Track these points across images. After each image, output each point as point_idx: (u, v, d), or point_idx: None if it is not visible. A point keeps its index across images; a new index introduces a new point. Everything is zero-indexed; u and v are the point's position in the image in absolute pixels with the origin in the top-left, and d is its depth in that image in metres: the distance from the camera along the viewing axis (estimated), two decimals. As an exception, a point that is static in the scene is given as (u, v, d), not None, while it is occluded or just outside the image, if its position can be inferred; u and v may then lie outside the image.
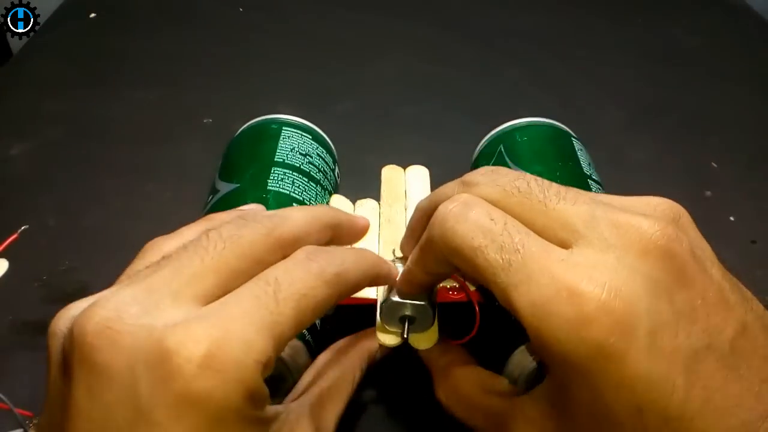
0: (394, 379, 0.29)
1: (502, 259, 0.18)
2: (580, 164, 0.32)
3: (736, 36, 0.65)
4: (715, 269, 0.18)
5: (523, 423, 0.21)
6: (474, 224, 0.19)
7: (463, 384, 0.24)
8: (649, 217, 0.18)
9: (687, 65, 0.59)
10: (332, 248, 0.21)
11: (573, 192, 0.20)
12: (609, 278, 0.17)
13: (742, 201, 0.44)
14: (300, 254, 0.19)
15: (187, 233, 0.21)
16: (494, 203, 0.20)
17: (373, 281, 0.23)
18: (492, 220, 0.19)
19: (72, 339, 0.16)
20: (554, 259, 0.18)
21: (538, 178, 0.20)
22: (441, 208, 0.20)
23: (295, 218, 0.21)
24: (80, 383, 0.16)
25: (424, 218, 0.23)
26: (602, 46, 0.62)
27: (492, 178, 0.21)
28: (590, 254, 0.18)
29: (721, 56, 0.61)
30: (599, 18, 0.67)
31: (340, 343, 0.26)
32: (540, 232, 0.19)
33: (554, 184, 0.20)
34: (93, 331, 0.16)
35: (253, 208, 0.25)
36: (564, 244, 0.18)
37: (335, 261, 0.20)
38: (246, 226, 0.19)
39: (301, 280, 0.18)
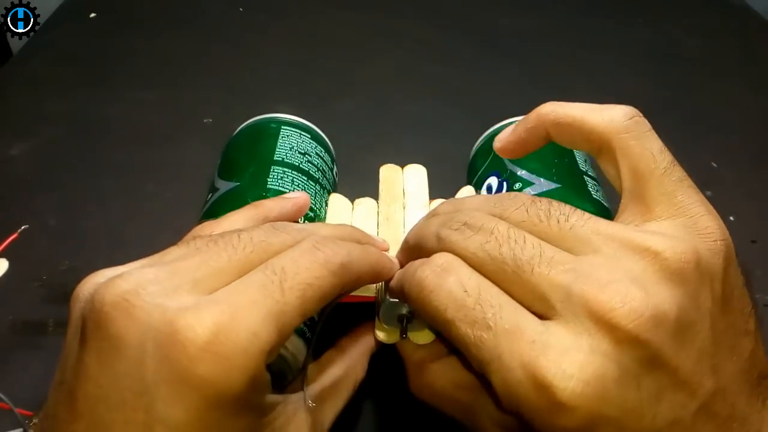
0: (388, 376, 0.28)
1: (474, 336, 0.18)
2: (576, 161, 0.32)
3: (736, 36, 0.65)
4: (699, 338, 0.18)
5: (488, 420, 0.22)
6: (447, 296, 0.19)
7: (435, 381, 0.24)
8: (628, 304, 0.17)
9: (687, 65, 0.59)
10: (339, 240, 0.21)
11: (549, 255, 0.18)
12: (578, 369, 0.17)
13: (742, 201, 0.44)
14: (307, 243, 0.20)
15: (235, 218, 0.24)
16: (471, 264, 0.20)
17: (376, 277, 0.23)
18: (466, 291, 0.19)
19: (92, 306, 0.17)
20: (526, 340, 0.17)
21: (512, 233, 0.19)
22: (418, 272, 0.20)
23: (322, 235, 0.21)
24: (92, 349, 0.17)
25: (408, 251, 0.24)
26: (602, 45, 0.62)
27: (465, 236, 0.20)
28: (563, 336, 0.17)
29: (721, 56, 0.61)
30: (599, 18, 0.67)
31: (345, 340, 0.27)
32: (517, 299, 0.19)
33: (528, 241, 0.19)
34: (111, 301, 0.17)
35: (299, 195, 0.28)
36: (541, 315, 0.18)
37: (341, 251, 0.20)
38: (276, 235, 0.20)
39: (306, 270, 0.19)
